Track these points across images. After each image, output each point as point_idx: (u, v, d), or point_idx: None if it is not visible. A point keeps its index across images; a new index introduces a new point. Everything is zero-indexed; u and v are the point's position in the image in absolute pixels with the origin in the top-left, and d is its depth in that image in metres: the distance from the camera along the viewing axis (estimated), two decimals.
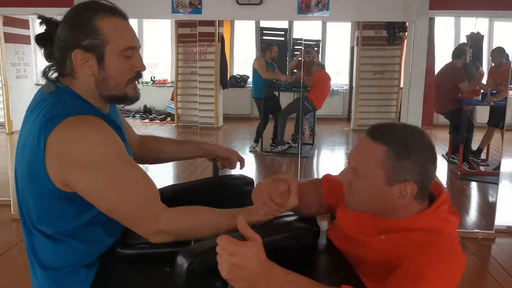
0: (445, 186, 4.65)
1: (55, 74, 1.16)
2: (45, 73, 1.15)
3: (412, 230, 1.02)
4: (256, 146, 5.99)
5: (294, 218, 1.24)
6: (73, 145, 1.02)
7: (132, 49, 1.14)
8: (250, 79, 8.83)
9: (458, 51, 5.37)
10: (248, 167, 5.43)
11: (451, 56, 5.37)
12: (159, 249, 1.09)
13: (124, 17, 1.14)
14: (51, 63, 1.16)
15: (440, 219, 1.05)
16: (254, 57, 8.91)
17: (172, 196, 1.26)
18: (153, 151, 1.50)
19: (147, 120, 8.86)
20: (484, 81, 5.46)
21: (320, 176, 1.36)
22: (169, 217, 1.08)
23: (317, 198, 1.30)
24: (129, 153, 1.23)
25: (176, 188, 1.47)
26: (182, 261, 0.90)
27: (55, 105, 1.08)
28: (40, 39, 1.15)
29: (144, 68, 1.17)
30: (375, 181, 1.00)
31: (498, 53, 5.24)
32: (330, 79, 6.09)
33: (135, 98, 1.18)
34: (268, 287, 0.86)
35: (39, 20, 1.15)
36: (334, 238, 1.22)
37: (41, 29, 1.17)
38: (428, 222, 1.04)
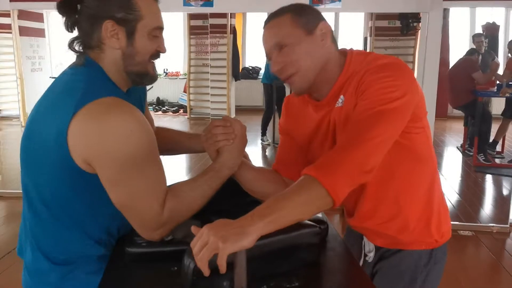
0: (459, 179, 4.62)
1: (81, 47, 1.14)
2: (71, 45, 1.14)
3: (352, 75, 1.09)
4: (267, 139, 5.96)
5: None
6: (107, 129, 0.99)
7: (160, 29, 1.14)
8: (262, 71, 8.82)
9: (471, 51, 5.30)
10: (261, 160, 5.44)
11: (465, 53, 5.30)
12: (168, 248, 1.09)
13: None
14: (76, 37, 1.14)
15: (366, 52, 1.14)
16: None
17: None
18: (166, 142, 1.50)
19: (160, 112, 8.92)
20: (500, 72, 5.38)
21: None
22: (169, 207, 1.08)
23: (276, 179, 1.29)
24: None
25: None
26: (188, 261, 0.90)
27: (92, 81, 1.05)
28: (63, 6, 1.12)
29: (165, 50, 1.16)
30: (300, 39, 1.06)
31: None
32: None
33: (155, 76, 1.18)
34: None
35: None
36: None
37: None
38: (358, 56, 1.11)
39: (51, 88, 1.12)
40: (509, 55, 5.21)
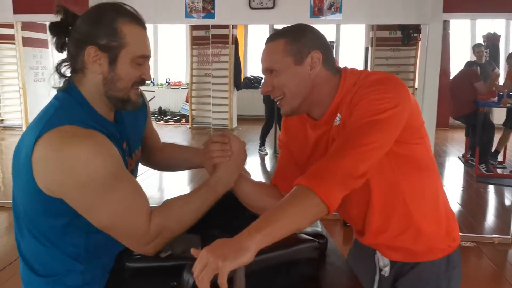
0: (460, 189, 4.60)
1: (67, 71, 1.16)
2: (57, 68, 1.16)
3: (351, 87, 1.11)
4: (265, 149, 5.96)
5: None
6: (69, 157, 1.00)
7: (145, 58, 1.15)
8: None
9: (469, 63, 5.33)
10: (260, 170, 5.44)
11: (464, 64, 5.33)
12: (167, 263, 1.10)
13: (143, 26, 1.15)
14: (64, 59, 1.16)
15: (359, 71, 1.16)
16: None
17: None
18: (172, 158, 1.52)
19: (162, 122, 8.95)
20: (501, 81, 5.39)
21: None
22: (155, 224, 1.08)
23: (274, 194, 1.29)
24: (130, 157, 1.26)
25: None
26: (188, 277, 0.91)
27: (60, 109, 1.08)
28: (55, 27, 1.14)
29: (150, 78, 1.19)
30: (288, 68, 1.11)
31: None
32: None
33: (137, 103, 1.19)
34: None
35: (57, 9, 1.14)
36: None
37: (56, 17, 1.15)
38: (352, 75, 1.13)
39: (42, 109, 1.14)
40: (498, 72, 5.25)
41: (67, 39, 1.12)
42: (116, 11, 1.11)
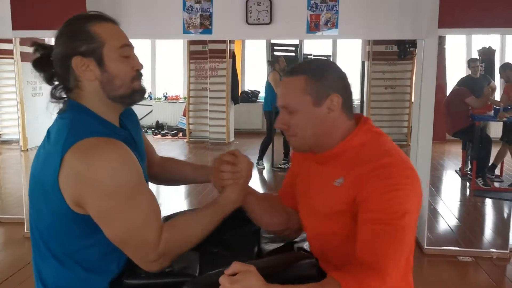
0: (457, 203, 4.60)
1: (62, 93, 1.18)
2: (52, 94, 1.17)
3: (353, 147, 1.11)
4: (262, 163, 5.97)
5: (299, 246, 1.24)
6: (94, 169, 1.03)
7: (127, 46, 1.16)
8: (261, 94, 8.87)
9: (459, 82, 5.46)
10: (259, 184, 5.44)
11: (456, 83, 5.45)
12: (166, 279, 1.10)
13: (114, 22, 1.18)
14: (56, 84, 1.18)
15: (373, 131, 1.15)
16: (266, 72, 8.98)
17: None
18: (172, 173, 1.53)
19: (159, 136, 8.94)
20: (497, 95, 5.42)
21: None
22: (165, 239, 1.09)
23: (280, 208, 1.34)
24: (144, 174, 1.26)
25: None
26: None
27: (75, 123, 1.10)
28: (38, 63, 1.17)
29: (141, 66, 1.19)
30: (305, 108, 1.10)
31: (505, 69, 5.25)
32: None
33: (143, 91, 1.20)
34: None
35: (33, 47, 1.18)
36: (313, 245, 1.25)
37: (35, 55, 1.19)
38: (364, 134, 1.13)
39: (47, 136, 1.15)
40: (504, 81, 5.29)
41: (53, 70, 1.14)
42: (83, 18, 1.15)
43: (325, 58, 1.28)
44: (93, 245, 1.12)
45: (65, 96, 1.18)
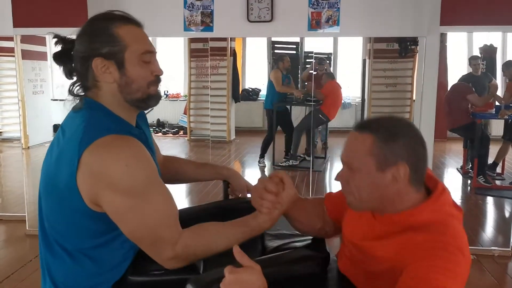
0: (459, 201, 4.60)
1: (80, 90, 1.18)
2: (70, 91, 1.17)
3: (415, 226, 0.99)
4: (263, 161, 5.97)
5: (303, 244, 1.24)
6: (110, 166, 1.03)
7: (150, 53, 1.16)
8: (262, 92, 8.86)
9: (463, 77, 5.44)
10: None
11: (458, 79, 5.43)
12: (170, 276, 1.10)
13: (138, 25, 1.17)
14: (75, 80, 1.17)
15: (443, 212, 1.02)
16: (266, 70, 8.97)
17: (181, 220, 1.27)
18: (175, 172, 1.53)
19: (160, 134, 8.94)
20: (499, 93, 5.42)
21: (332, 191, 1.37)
22: (184, 242, 1.09)
23: (319, 214, 1.31)
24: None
25: (187, 212, 1.48)
26: None
27: (91, 122, 1.10)
28: (58, 57, 1.16)
29: (161, 72, 1.18)
30: (367, 170, 1.01)
31: (509, 67, 5.24)
32: (341, 88, 6.09)
33: (158, 96, 1.20)
34: None
35: (55, 40, 1.17)
36: (340, 260, 1.22)
37: (56, 48, 1.19)
38: (431, 213, 1.01)
39: (61, 132, 1.15)
40: (507, 80, 5.27)
41: (73, 65, 1.14)
42: (107, 18, 1.14)
43: (402, 117, 1.11)
44: (108, 242, 1.12)
45: (82, 93, 1.17)
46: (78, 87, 1.17)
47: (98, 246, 1.12)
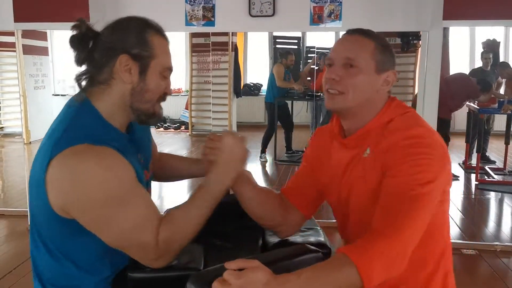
0: (461, 196, 4.59)
1: (87, 83, 1.14)
2: (78, 79, 1.14)
3: (382, 125, 1.12)
4: (265, 156, 5.95)
5: (304, 239, 1.23)
6: (78, 179, 1.01)
7: (170, 71, 1.16)
8: (264, 87, 8.85)
9: (474, 71, 5.37)
10: (262, 177, 5.43)
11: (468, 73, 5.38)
12: (170, 273, 1.09)
13: (168, 40, 1.17)
14: (85, 70, 1.15)
15: (401, 105, 1.17)
16: (268, 65, 8.96)
17: None
18: (168, 169, 1.51)
19: (161, 129, 8.95)
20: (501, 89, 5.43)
21: None
22: (163, 238, 1.07)
23: (275, 202, 1.28)
24: (147, 169, 1.25)
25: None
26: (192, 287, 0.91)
27: (73, 124, 1.07)
28: (76, 39, 1.11)
29: (171, 92, 1.20)
30: (369, 71, 1.11)
31: (504, 68, 5.25)
32: None
33: (160, 117, 1.19)
34: None
35: (77, 23, 1.12)
36: (344, 231, 1.24)
37: (73, 32, 1.13)
38: (393, 110, 1.14)
39: (54, 121, 1.13)
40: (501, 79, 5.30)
41: (88, 52, 1.11)
42: (145, 23, 1.13)
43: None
44: (84, 245, 1.10)
45: (88, 86, 1.14)
46: (86, 78, 1.14)
47: (74, 248, 1.10)
